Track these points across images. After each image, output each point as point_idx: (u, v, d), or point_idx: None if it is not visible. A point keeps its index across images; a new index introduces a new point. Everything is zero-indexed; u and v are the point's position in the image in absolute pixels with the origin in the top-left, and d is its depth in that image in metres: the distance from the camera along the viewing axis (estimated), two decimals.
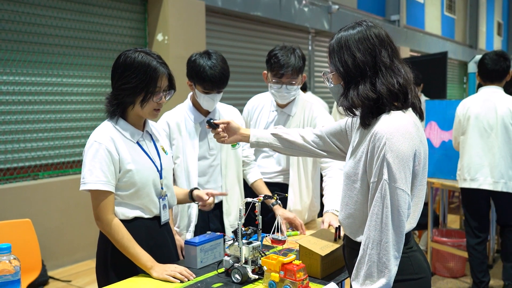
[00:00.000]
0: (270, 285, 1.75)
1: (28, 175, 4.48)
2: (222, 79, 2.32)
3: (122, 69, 1.91)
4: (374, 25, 1.58)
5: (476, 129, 3.52)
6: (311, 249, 1.88)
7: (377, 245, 1.43)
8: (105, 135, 1.90)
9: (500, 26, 20.22)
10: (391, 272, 1.42)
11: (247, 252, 1.84)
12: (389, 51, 1.54)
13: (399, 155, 1.42)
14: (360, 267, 1.47)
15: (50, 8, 4.60)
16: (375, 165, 1.45)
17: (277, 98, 2.58)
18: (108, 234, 1.89)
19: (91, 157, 1.86)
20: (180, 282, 1.83)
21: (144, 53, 1.92)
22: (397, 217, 1.43)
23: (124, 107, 1.95)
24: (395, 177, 1.41)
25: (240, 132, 2.08)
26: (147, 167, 1.95)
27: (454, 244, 4.17)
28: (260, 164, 2.69)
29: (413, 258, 1.56)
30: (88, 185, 1.85)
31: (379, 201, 1.44)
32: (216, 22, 6.33)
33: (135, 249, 1.87)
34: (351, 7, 9.35)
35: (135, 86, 1.88)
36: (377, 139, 1.45)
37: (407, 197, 1.43)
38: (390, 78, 1.51)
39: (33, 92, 4.50)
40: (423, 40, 12.17)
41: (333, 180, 2.49)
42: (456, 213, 6.22)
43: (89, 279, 4.31)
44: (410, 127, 1.47)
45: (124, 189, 1.92)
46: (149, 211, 1.98)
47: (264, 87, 2.70)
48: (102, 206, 1.87)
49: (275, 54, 2.49)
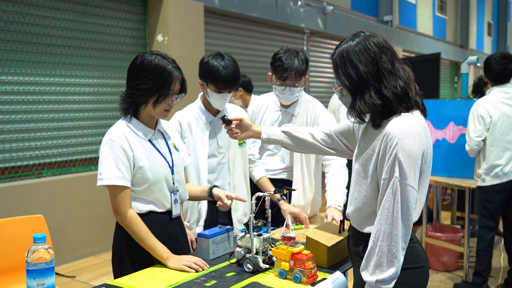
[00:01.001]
0: (281, 274, 1.86)
1: (32, 173, 4.57)
2: (234, 78, 2.44)
3: (138, 70, 2.01)
4: (371, 34, 1.68)
5: (504, 126, 3.68)
6: (318, 240, 2.00)
7: (387, 237, 1.55)
8: (119, 133, 2.01)
9: (490, 26, 20.48)
10: (399, 262, 1.55)
11: (258, 243, 1.96)
12: (389, 56, 1.64)
13: (410, 154, 1.53)
14: (370, 258, 1.59)
15: (53, 10, 4.68)
16: (387, 163, 1.56)
17: (281, 99, 2.70)
18: (126, 227, 1.99)
19: (106, 154, 1.97)
20: (195, 272, 1.95)
21: (160, 56, 2.03)
22: (407, 212, 1.55)
23: (137, 106, 2.05)
24: (406, 175, 1.53)
25: (252, 129, 2.17)
26: (159, 163, 2.06)
27: (448, 239, 4.32)
28: (264, 162, 2.81)
29: (414, 249, 1.67)
30: (105, 181, 1.96)
31: (391, 196, 1.55)
32: (214, 23, 6.44)
33: (152, 241, 1.99)
34: (345, 8, 9.49)
35: (149, 88, 1.99)
36: (390, 139, 1.56)
37: (415, 193, 1.55)
38: (394, 81, 1.61)
39: (36, 92, 4.59)
40: (415, 40, 12.34)
41: (335, 176, 2.62)
42: (448, 209, 6.38)
43: (92, 275, 4.41)
44: (419, 129, 1.58)
45: (138, 185, 2.03)
46: (162, 205, 2.09)
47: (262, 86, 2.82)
48: (119, 200, 1.97)
49: (279, 57, 2.61)
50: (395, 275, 1.55)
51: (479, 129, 3.70)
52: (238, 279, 1.87)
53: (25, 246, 2.69)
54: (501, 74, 3.75)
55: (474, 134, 3.72)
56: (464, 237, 4.15)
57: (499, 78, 3.77)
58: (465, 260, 4.11)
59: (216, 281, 1.85)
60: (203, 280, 1.86)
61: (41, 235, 1.49)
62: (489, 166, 3.69)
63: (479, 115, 3.71)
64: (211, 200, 2.31)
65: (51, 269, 1.48)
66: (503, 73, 3.75)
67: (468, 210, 4.11)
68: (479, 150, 3.75)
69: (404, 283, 1.61)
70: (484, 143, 3.72)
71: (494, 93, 3.76)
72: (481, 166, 3.74)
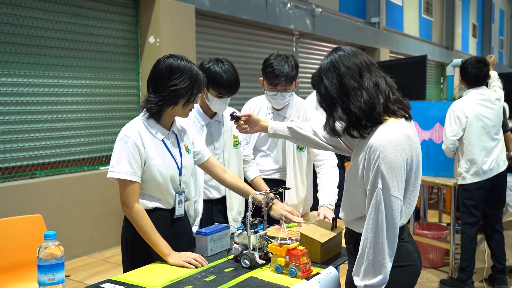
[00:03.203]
0: (277, 269, 1.96)
1: (26, 174, 4.61)
2: (236, 83, 2.53)
3: (168, 74, 2.10)
4: (343, 50, 1.74)
5: (480, 126, 3.82)
6: (312, 237, 2.10)
7: (374, 245, 1.62)
8: (134, 130, 2.11)
9: (475, 28, 20.80)
10: (386, 268, 1.62)
11: (255, 240, 2.05)
12: (356, 71, 1.68)
13: (392, 166, 1.58)
14: (359, 265, 1.67)
15: (45, 12, 4.72)
16: (371, 174, 1.62)
17: (272, 103, 2.80)
18: (132, 220, 2.08)
19: (120, 149, 2.07)
20: (195, 268, 2.03)
21: (184, 59, 2.14)
22: (391, 221, 1.61)
23: (166, 107, 2.14)
24: (389, 186, 1.58)
25: (260, 123, 2.31)
26: (168, 164, 2.15)
27: (434, 237, 4.45)
28: (258, 162, 2.90)
29: (403, 248, 1.73)
30: (116, 174, 2.07)
31: (375, 207, 1.61)
32: (205, 25, 6.51)
33: (156, 236, 2.08)
34: (333, 9, 9.62)
35: (182, 88, 2.09)
36: (372, 151, 1.61)
37: (399, 203, 1.61)
38: (359, 97, 1.66)
39: (30, 93, 4.63)
40: (402, 41, 12.52)
41: (327, 176, 2.73)
42: (435, 208, 6.53)
43: (86, 273, 4.47)
44: (402, 139, 1.62)
45: (146, 182, 2.12)
46: (168, 203, 2.20)
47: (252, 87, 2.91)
48: (128, 194, 2.07)
49: (270, 63, 2.68)
50: (383, 281, 1.62)
51: (454, 129, 3.85)
52: (236, 274, 1.96)
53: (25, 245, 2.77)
54: (476, 77, 3.90)
55: (450, 134, 3.87)
56: (450, 234, 4.28)
57: (475, 81, 3.92)
58: (451, 256, 4.24)
59: (215, 276, 1.94)
60: (202, 275, 1.95)
61: (51, 232, 1.57)
62: (469, 165, 3.84)
63: (455, 116, 3.86)
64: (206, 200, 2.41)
65: (61, 264, 1.57)
66: (478, 76, 3.90)
67: (453, 208, 4.24)
68: (455, 150, 3.90)
69: (391, 280, 1.68)
70: (462, 143, 3.86)
71: (470, 95, 3.91)
72: (461, 165, 3.88)
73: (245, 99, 3.38)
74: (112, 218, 5.19)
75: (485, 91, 3.92)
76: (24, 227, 2.82)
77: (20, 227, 2.81)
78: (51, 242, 1.57)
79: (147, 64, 5.60)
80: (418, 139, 1.73)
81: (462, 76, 4.00)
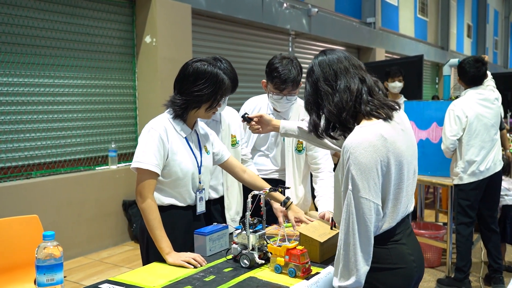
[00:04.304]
0: (276, 269, 1.95)
1: (22, 174, 4.58)
2: (235, 82, 2.53)
3: (194, 78, 2.15)
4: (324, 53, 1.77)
5: (479, 126, 3.82)
6: (311, 236, 2.09)
7: (347, 247, 1.59)
8: (160, 124, 2.16)
9: (470, 28, 20.88)
10: (359, 271, 1.58)
11: (254, 239, 2.04)
12: (332, 75, 1.70)
13: (362, 167, 1.56)
14: (336, 266, 1.65)
15: (41, 11, 4.70)
16: (344, 176, 1.62)
17: (277, 107, 2.78)
18: (143, 211, 2.10)
19: (146, 140, 2.13)
20: (194, 268, 2.02)
21: (210, 64, 2.18)
22: (363, 223, 1.57)
23: (189, 110, 2.19)
24: (359, 187, 1.56)
25: (272, 123, 2.38)
26: (189, 160, 2.20)
27: (431, 236, 4.46)
28: (257, 162, 2.89)
29: (394, 250, 1.69)
30: (141, 164, 2.09)
31: (346, 208, 1.59)
32: (201, 25, 6.50)
33: (161, 232, 2.09)
34: (329, 9, 9.63)
35: (205, 94, 2.14)
36: (345, 152, 1.60)
37: (372, 205, 1.57)
38: (331, 101, 1.69)
39: (26, 93, 4.61)
40: (397, 41, 12.55)
41: (324, 182, 2.74)
42: (431, 208, 6.55)
43: (83, 274, 4.45)
44: (374, 140, 1.58)
45: (165, 177, 2.17)
46: (183, 200, 2.23)
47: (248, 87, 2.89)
48: (146, 184, 2.10)
49: (276, 68, 2.64)
50: (357, 284, 1.58)
51: (454, 128, 3.84)
52: (235, 274, 1.95)
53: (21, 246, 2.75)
54: (475, 77, 3.90)
55: (450, 134, 3.85)
56: (447, 234, 4.29)
57: (474, 80, 3.91)
58: (448, 256, 4.25)
59: (214, 276, 1.93)
60: (202, 276, 1.94)
61: (50, 232, 1.56)
62: (467, 165, 3.83)
63: (455, 115, 3.84)
64: None
65: (60, 265, 1.55)
66: (476, 76, 3.90)
67: (451, 208, 4.25)
68: (454, 150, 3.89)
69: (380, 281, 1.67)
70: (461, 143, 3.86)
71: (469, 94, 3.91)
72: (458, 165, 3.88)
73: (242, 99, 3.37)
74: (109, 219, 5.17)
75: (483, 90, 3.92)
76: (21, 227, 2.80)
77: (16, 228, 2.79)
78: (50, 242, 1.55)
79: (143, 64, 5.59)
80: (403, 139, 1.68)
81: (460, 75, 4.00)
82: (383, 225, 1.66)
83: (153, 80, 5.51)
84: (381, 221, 1.65)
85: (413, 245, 1.79)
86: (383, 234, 1.67)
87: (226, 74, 2.45)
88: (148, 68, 5.55)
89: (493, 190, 3.98)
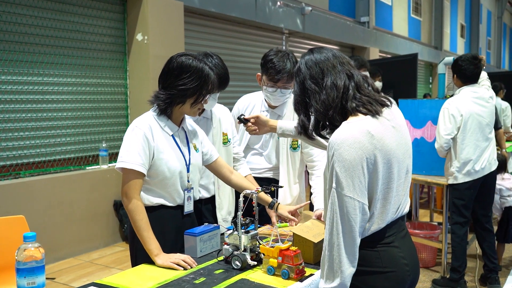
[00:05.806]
0: (269, 270, 1.89)
1: (10, 174, 4.49)
2: (226, 78, 2.48)
3: (178, 72, 2.08)
4: (311, 52, 1.74)
5: (474, 125, 3.76)
6: (305, 237, 2.03)
7: (331, 248, 1.53)
8: (145, 123, 2.10)
9: (463, 28, 20.93)
10: (344, 273, 1.51)
11: (246, 240, 1.98)
12: (319, 73, 1.67)
13: (346, 165, 1.50)
14: (322, 267, 1.58)
15: (30, 8, 4.61)
16: (329, 173, 1.56)
17: (271, 100, 2.72)
18: (129, 212, 2.03)
19: (130, 140, 2.06)
20: (183, 269, 1.95)
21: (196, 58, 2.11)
22: (348, 223, 1.50)
23: (173, 105, 2.11)
24: (342, 185, 1.50)
25: (269, 124, 2.33)
26: (177, 159, 2.13)
27: (426, 236, 4.41)
28: (250, 161, 2.83)
29: (384, 253, 1.62)
30: (125, 164, 2.02)
31: (331, 207, 1.53)
32: (194, 23, 6.43)
33: (148, 234, 2.02)
34: (323, 8, 9.59)
35: (190, 88, 2.07)
36: (329, 149, 1.55)
37: (356, 204, 1.50)
38: (318, 99, 1.66)
39: (14, 91, 4.51)
40: (391, 41, 12.54)
41: (321, 179, 2.66)
42: (426, 207, 6.51)
43: (73, 276, 4.36)
44: (360, 136, 1.53)
45: (153, 177, 2.09)
46: (172, 200, 2.15)
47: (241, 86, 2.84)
48: (131, 184, 2.03)
49: (271, 59, 2.60)
50: (342, 287, 1.52)
51: (449, 127, 3.77)
52: (227, 276, 1.89)
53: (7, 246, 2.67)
54: (473, 74, 3.84)
55: (444, 132, 3.78)
56: (442, 234, 4.24)
57: (471, 77, 3.85)
58: (443, 256, 4.20)
59: (205, 278, 1.86)
60: (192, 278, 1.87)
61: (31, 233, 1.48)
62: (461, 164, 3.78)
63: (450, 114, 3.78)
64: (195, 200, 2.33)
65: (41, 267, 1.47)
66: (476, 73, 3.84)
67: (446, 207, 4.20)
68: (448, 149, 3.83)
69: (369, 285, 1.61)
70: (455, 142, 3.80)
71: (464, 92, 3.85)
72: (453, 164, 3.82)
73: (235, 97, 3.30)
74: (99, 219, 5.08)
75: (478, 89, 3.86)
76: (5, 228, 2.73)
77: (1, 229, 2.71)
78: (31, 244, 1.47)
79: (135, 62, 5.51)
80: (393, 136, 1.61)
81: (456, 73, 3.92)
82: (371, 227, 1.59)
83: (145, 79, 5.43)
84: (369, 222, 1.58)
85: (407, 248, 1.71)
86: (372, 236, 1.60)
87: (216, 70, 2.39)
88: (139, 67, 5.47)
89: (488, 189, 3.94)
